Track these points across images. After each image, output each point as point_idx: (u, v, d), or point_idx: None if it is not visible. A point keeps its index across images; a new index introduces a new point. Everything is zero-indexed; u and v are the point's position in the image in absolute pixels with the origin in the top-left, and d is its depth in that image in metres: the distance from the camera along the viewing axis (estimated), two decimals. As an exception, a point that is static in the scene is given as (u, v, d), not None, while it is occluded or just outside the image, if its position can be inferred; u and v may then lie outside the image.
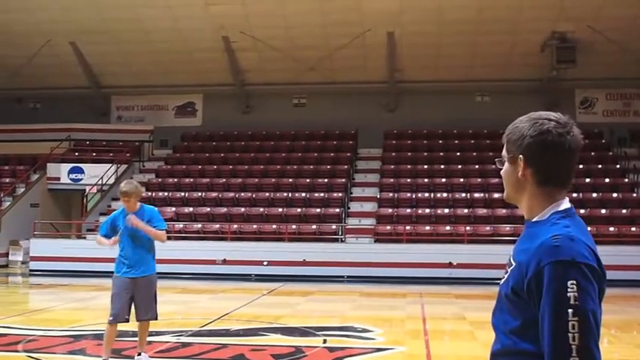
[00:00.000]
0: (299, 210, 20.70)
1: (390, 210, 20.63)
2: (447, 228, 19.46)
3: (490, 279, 14.47)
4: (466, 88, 24.63)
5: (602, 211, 19.65)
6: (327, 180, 22.34)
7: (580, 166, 20.20)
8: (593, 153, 22.47)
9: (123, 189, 6.75)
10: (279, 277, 17.74)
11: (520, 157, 1.88)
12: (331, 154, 24.27)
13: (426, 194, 21.43)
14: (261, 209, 20.78)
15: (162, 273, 9.70)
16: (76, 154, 25.07)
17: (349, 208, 21.53)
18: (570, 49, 22.04)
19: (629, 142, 24.19)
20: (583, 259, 1.73)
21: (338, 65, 23.87)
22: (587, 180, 20.98)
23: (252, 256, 18.61)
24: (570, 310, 1.67)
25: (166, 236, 6.99)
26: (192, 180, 22.95)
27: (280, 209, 20.80)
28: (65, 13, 22.01)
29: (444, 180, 22.09)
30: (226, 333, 9.43)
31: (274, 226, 20.02)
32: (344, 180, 22.52)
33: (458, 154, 23.53)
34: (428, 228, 19.57)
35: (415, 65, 23.87)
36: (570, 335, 1.67)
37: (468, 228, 19.13)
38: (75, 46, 24.03)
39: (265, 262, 18.52)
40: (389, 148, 24.49)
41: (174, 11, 21.98)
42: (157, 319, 6.97)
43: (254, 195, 21.62)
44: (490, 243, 18.27)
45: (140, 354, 6.94)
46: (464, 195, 21.21)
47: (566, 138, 1.85)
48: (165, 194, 22.01)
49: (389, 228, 19.76)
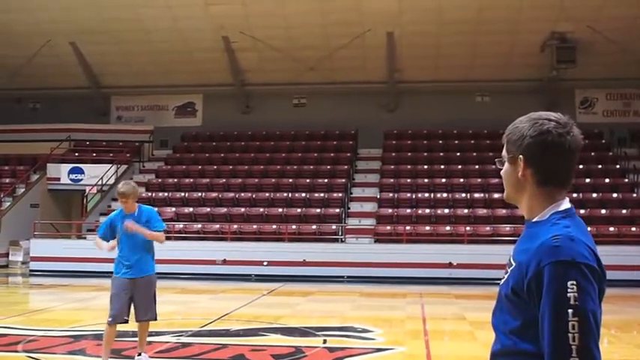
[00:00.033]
0: (299, 210, 20.69)
1: (390, 210, 20.63)
2: (447, 228, 19.45)
3: (490, 279, 14.47)
4: (466, 88, 24.63)
5: (602, 212, 19.65)
6: (327, 180, 22.33)
7: (580, 167, 20.20)
8: (593, 153, 22.46)
9: (120, 190, 6.75)
10: (279, 278, 17.74)
11: (520, 157, 1.88)
12: (331, 154, 24.26)
13: (426, 194, 21.43)
14: (261, 209, 20.77)
15: (162, 273, 9.71)
16: (76, 154, 25.05)
17: (349, 208, 21.52)
18: (570, 49, 22.05)
19: (629, 142, 24.19)
20: (583, 259, 1.73)
21: (338, 65, 23.86)
22: (587, 180, 20.97)
23: (252, 257, 18.60)
24: (570, 311, 1.67)
25: (165, 237, 7.00)
26: (192, 180, 22.94)
27: (280, 209, 20.79)
28: (65, 13, 22.01)
29: (443, 180, 22.08)
30: (226, 333, 9.43)
31: (274, 227, 20.01)
32: (344, 180, 22.51)
33: (458, 154, 23.51)
34: (428, 228, 19.56)
35: (415, 65, 23.87)
36: (570, 335, 1.67)
37: (467, 228, 19.12)
38: (75, 46, 24.03)
39: (265, 263, 18.51)
40: (389, 148, 24.48)
41: (174, 11, 21.98)
42: (156, 319, 6.97)
43: (254, 195, 21.61)
44: (490, 243, 18.27)
45: (140, 354, 6.94)
46: (464, 195, 21.20)
47: (566, 138, 1.85)
48: (165, 194, 22.00)
49: (389, 228, 19.76)
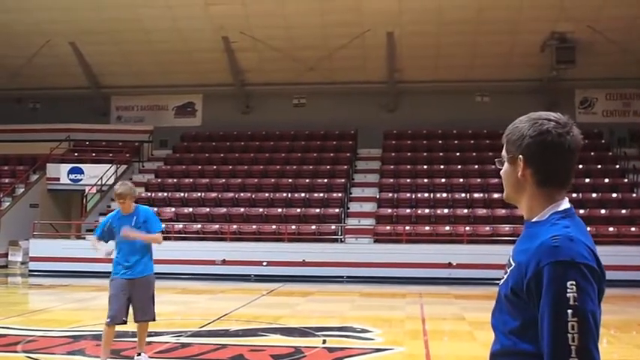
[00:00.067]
0: (298, 210, 20.68)
1: (390, 210, 20.62)
2: (447, 228, 19.45)
3: (489, 279, 14.45)
4: (466, 88, 24.63)
5: (602, 212, 19.66)
6: (326, 180, 22.33)
7: (580, 166, 20.21)
8: (592, 153, 22.46)
9: (118, 191, 6.74)
10: (278, 278, 17.73)
11: (520, 157, 1.88)
12: (331, 154, 24.25)
13: (426, 194, 21.43)
14: (261, 209, 20.76)
15: (162, 273, 9.71)
16: (76, 154, 25.03)
17: (349, 208, 21.52)
18: (570, 49, 22.04)
19: (628, 142, 24.20)
20: (582, 259, 1.72)
21: (338, 65, 23.86)
22: (587, 180, 20.98)
23: (251, 257, 18.60)
24: (570, 311, 1.67)
25: (162, 237, 7.00)
26: (191, 180, 22.93)
27: (280, 209, 20.79)
28: (65, 13, 22.00)
29: (443, 180, 22.08)
30: (226, 333, 9.42)
31: (274, 227, 20.01)
32: (343, 180, 22.50)
33: (457, 154, 23.51)
34: (427, 228, 19.56)
35: (415, 65, 23.86)
36: (570, 336, 1.66)
37: (467, 228, 19.12)
38: (75, 46, 24.02)
39: (265, 263, 18.51)
40: (388, 148, 24.47)
41: (174, 11, 21.97)
42: (154, 320, 6.96)
43: (253, 195, 21.60)
44: (490, 243, 18.27)
45: (140, 354, 6.94)
46: (463, 195, 21.20)
47: (566, 138, 1.85)
48: (165, 194, 22.00)
49: (388, 228, 19.75)
